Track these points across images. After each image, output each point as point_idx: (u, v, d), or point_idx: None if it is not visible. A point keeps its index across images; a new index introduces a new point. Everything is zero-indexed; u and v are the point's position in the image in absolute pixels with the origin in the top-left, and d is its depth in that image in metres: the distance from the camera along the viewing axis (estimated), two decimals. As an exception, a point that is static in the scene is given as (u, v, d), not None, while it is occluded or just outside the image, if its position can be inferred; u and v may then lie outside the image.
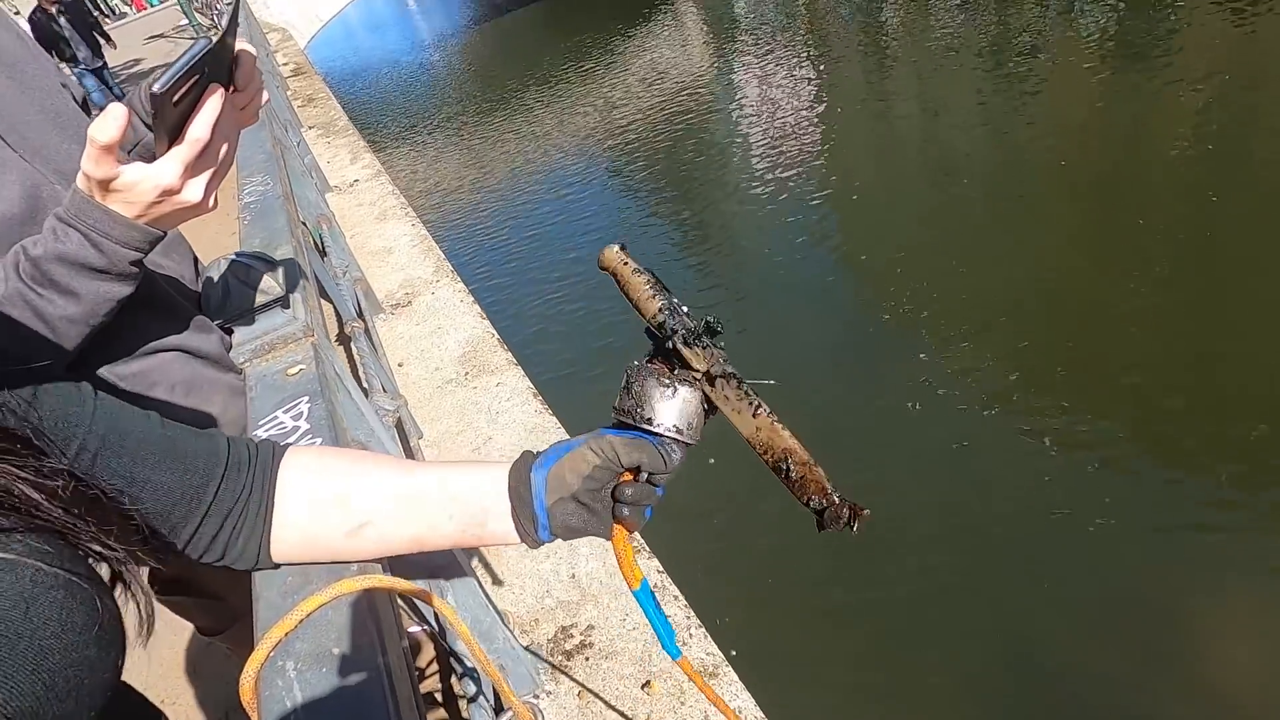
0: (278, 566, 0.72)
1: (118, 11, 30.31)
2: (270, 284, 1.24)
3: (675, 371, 0.63)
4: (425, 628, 1.83)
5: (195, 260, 1.28)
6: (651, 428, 0.63)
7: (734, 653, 1.86)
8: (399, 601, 1.22)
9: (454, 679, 1.91)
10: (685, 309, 0.65)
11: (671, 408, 0.62)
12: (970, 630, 3.47)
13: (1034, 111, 8.37)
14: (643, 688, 1.77)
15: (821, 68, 11.46)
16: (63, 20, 8.17)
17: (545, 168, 10.63)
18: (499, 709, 1.41)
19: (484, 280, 7.57)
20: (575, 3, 22.48)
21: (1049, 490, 4.02)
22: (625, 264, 0.69)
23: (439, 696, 1.91)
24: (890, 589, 3.66)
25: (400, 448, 2.19)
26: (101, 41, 8.69)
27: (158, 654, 2.31)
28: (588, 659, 1.89)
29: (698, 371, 0.63)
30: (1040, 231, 6.25)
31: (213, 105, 0.73)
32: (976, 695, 3.29)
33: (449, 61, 21.91)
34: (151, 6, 28.88)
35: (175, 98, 0.69)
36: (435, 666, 1.94)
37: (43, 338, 0.83)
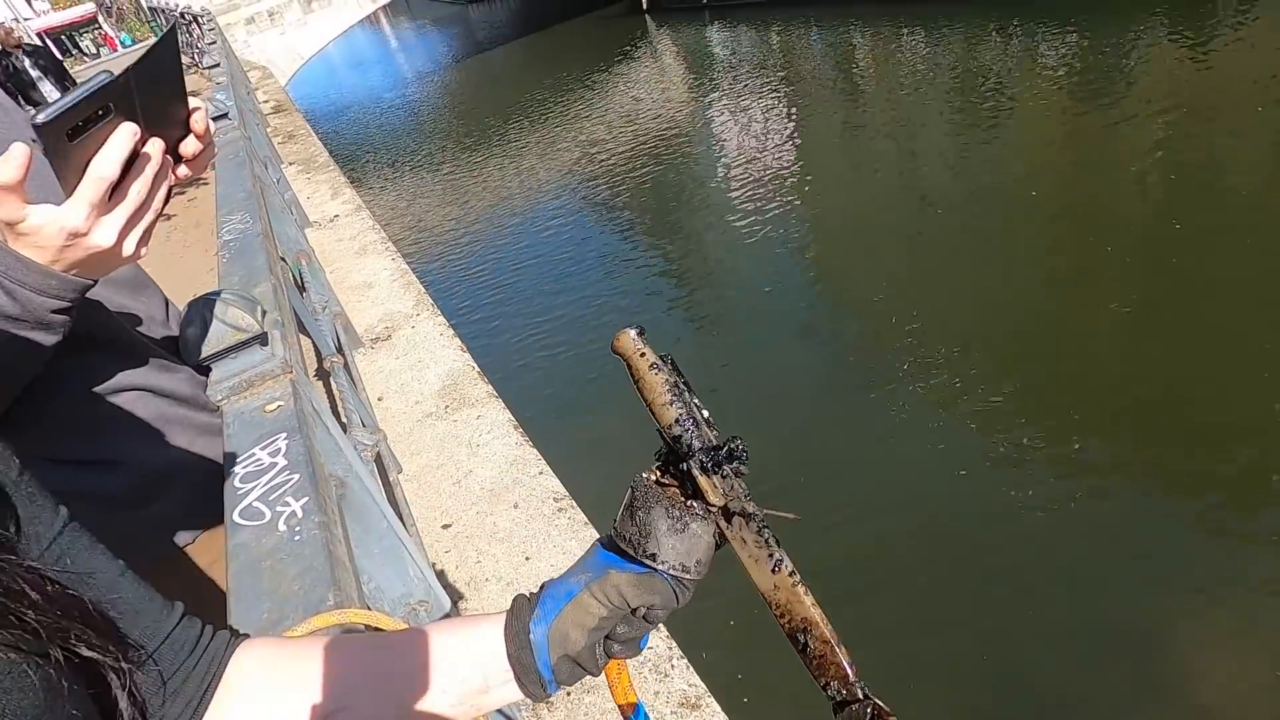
0: None
1: (89, 51, 30.36)
2: (249, 322, 1.25)
3: (688, 502, 0.56)
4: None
5: (166, 301, 1.27)
6: (654, 564, 0.55)
7: (717, 684, 1.86)
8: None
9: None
10: (706, 414, 0.58)
11: (678, 544, 0.55)
12: (952, 658, 3.46)
13: (1003, 142, 8.64)
14: (625, 722, 1.76)
15: (796, 103, 11.76)
16: (27, 63, 8.17)
17: (526, 202, 10.74)
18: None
19: (465, 314, 7.58)
20: (556, 40, 22.95)
21: (1028, 514, 4.06)
22: (642, 355, 0.58)
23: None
24: (873, 619, 3.66)
25: (379, 483, 2.18)
26: (68, 85, 8.71)
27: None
28: (569, 694, 1.87)
29: (713, 505, 0.55)
30: (1012, 260, 6.41)
31: (118, 142, 0.67)
32: (963, 722, 3.28)
33: (430, 98, 22.17)
34: (125, 46, 28.95)
35: (74, 135, 0.64)
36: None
37: None
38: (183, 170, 0.78)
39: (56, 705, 0.42)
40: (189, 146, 0.76)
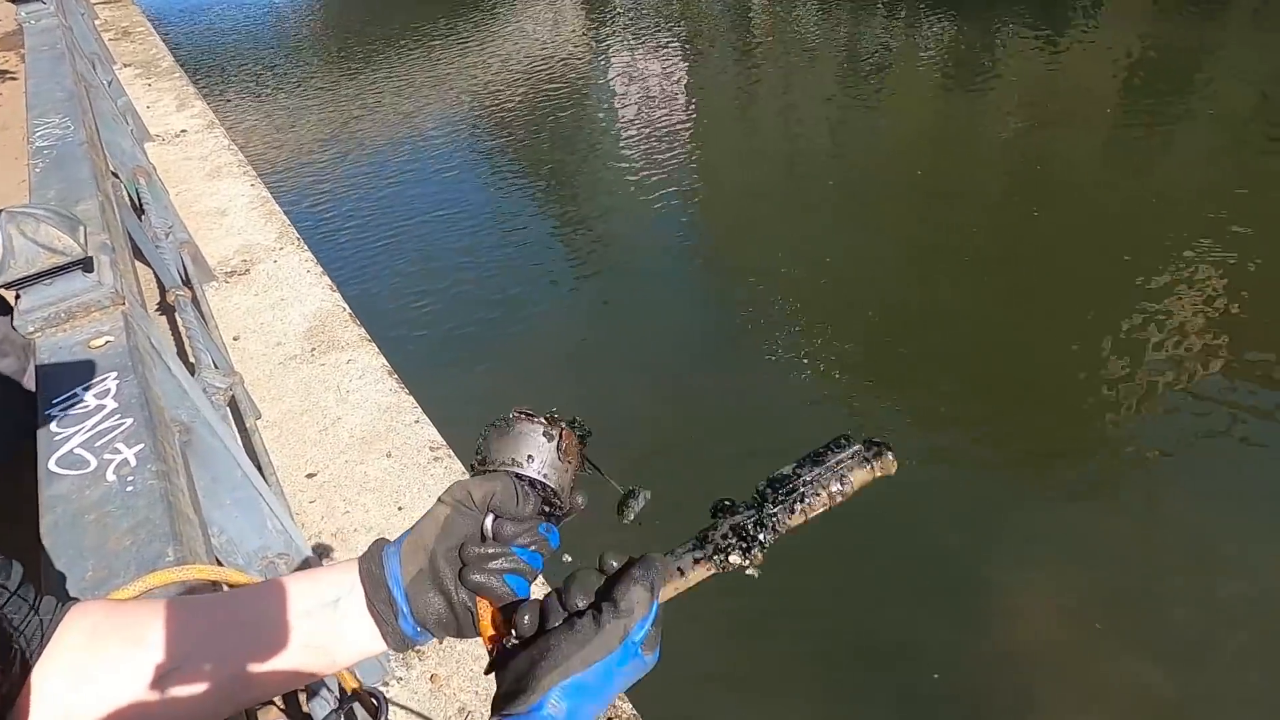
0: None
1: None
2: (67, 243, 1.08)
3: (520, 415, 0.59)
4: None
5: None
6: (485, 466, 0.57)
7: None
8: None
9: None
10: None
11: (505, 443, 0.57)
12: (816, 609, 3.76)
13: (880, 119, 9.08)
14: (498, 668, 1.76)
15: (691, 61, 11.70)
16: None
17: (409, 136, 10.06)
18: (343, 699, 1.34)
19: (335, 250, 7.05)
20: (444, -39, 21.28)
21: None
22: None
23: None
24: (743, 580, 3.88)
25: (234, 429, 2.01)
26: None
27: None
28: (440, 641, 1.85)
29: (741, 565, 0.66)
30: (885, 233, 6.81)
31: None
32: (821, 668, 3.59)
33: (305, 10, 20.03)
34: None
35: None
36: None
37: None
38: None
39: None
40: None
